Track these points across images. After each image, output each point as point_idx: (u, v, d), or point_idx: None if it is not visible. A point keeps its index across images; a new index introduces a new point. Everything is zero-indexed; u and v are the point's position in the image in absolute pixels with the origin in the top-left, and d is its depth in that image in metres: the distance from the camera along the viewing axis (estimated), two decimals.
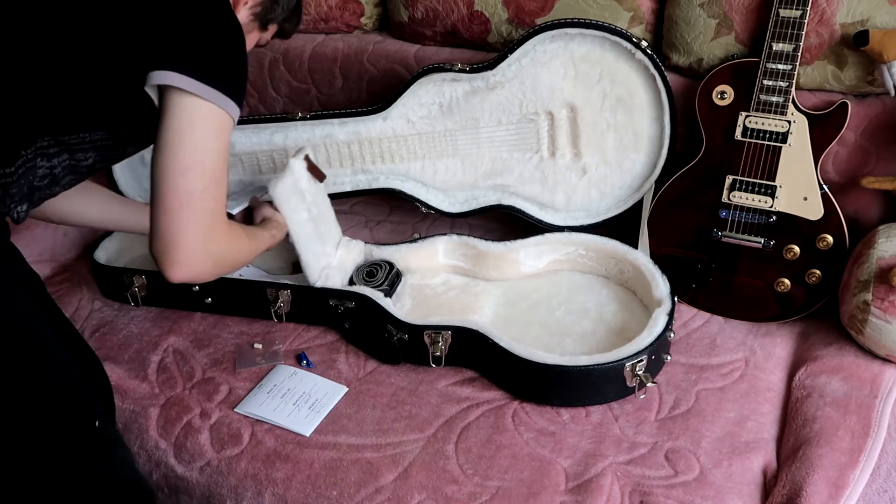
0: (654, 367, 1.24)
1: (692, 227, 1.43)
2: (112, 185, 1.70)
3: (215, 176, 0.99)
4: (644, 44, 1.38)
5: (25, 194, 1.02)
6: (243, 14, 1.12)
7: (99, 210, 1.32)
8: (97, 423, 1.03)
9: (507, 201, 1.56)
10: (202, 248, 0.99)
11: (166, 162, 0.97)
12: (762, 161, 1.34)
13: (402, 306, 1.43)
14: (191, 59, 0.97)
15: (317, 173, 1.43)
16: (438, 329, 1.28)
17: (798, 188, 1.33)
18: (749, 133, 1.34)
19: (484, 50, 1.61)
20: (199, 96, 0.96)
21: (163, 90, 0.98)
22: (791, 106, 1.30)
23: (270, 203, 1.36)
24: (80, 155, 1.04)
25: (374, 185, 1.61)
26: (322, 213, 1.45)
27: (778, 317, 1.40)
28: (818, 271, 1.36)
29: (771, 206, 1.35)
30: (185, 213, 0.97)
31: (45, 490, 0.99)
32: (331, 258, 1.46)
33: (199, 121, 0.97)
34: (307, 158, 1.40)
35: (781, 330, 1.38)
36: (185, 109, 0.97)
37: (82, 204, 1.28)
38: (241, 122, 1.58)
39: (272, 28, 1.21)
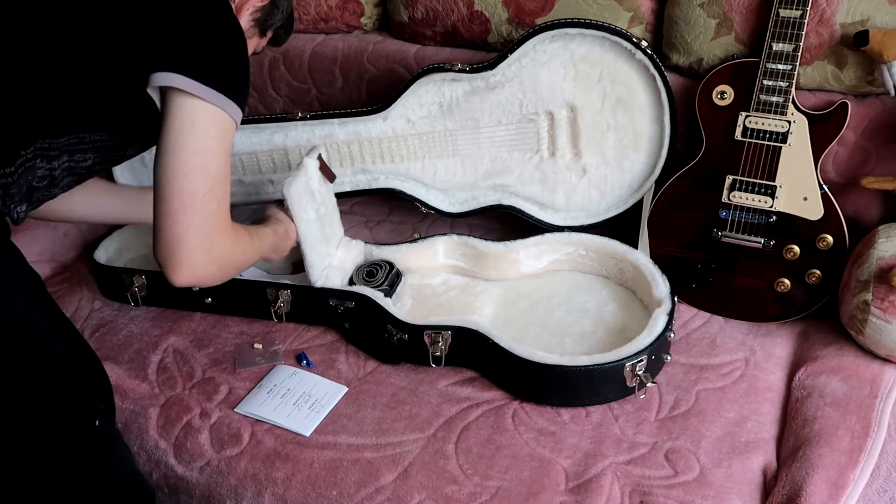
0: (654, 367, 1.24)
1: (692, 227, 1.43)
2: None
3: (219, 178, 1.00)
4: (644, 44, 1.38)
5: (25, 194, 1.02)
6: (245, 20, 1.13)
7: (99, 204, 1.32)
8: (97, 423, 1.03)
9: (507, 201, 1.56)
10: (206, 250, 0.99)
11: (169, 164, 0.97)
12: (762, 161, 1.34)
13: (402, 306, 1.43)
14: (193, 62, 0.97)
15: (328, 173, 1.43)
16: (438, 329, 1.28)
17: (798, 188, 1.33)
18: (749, 133, 1.34)
19: (484, 50, 1.61)
20: (201, 98, 0.96)
21: (165, 92, 0.98)
22: (791, 106, 1.30)
23: (280, 202, 1.35)
24: (80, 156, 1.04)
25: (374, 185, 1.61)
26: (328, 214, 1.45)
27: (778, 317, 1.40)
28: (818, 271, 1.36)
29: (771, 206, 1.35)
30: (189, 215, 0.97)
31: (44, 487, 0.99)
32: (332, 258, 1.46)
33: (201, 122, 0.97)
34: (320, 158, 1.40)
35: (781, 330, 1.38)
36: (188, 111, 0.97)
37: (81, 201, 1.28)
38: (241, 122, 1.57)
39: (269, 35, 1.21)
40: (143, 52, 0.98)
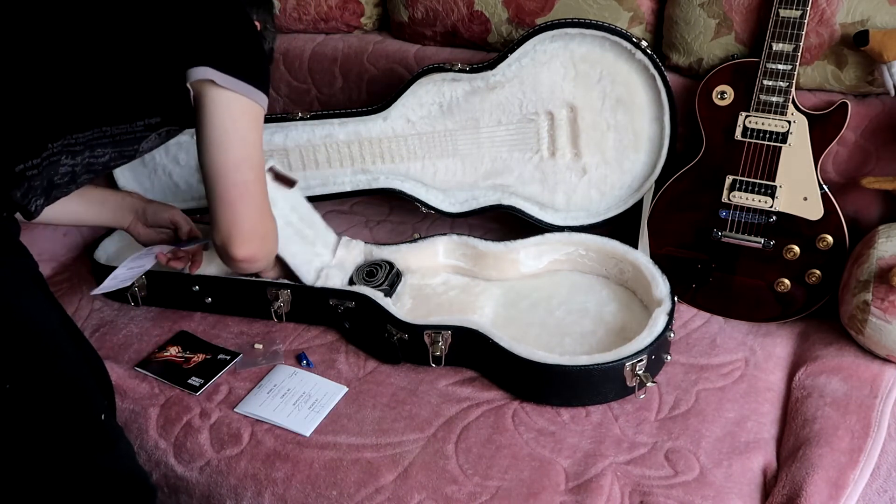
0: (654, 367, 1.24)
1: (692, 227, 1.43)
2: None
3: (260, 164, 1.09)
4: (644, 44, 1.38)
5: (45, 188, 1.04)
6: None
7: (62, 208, 1.31)
8: (102, 417, 1.04)
9: (507, 201, 1.56)
10: (260, 228, 1.11)
11: (219, 159, 1.04)
12: (762, 161, 1.34)
13: (402, 306, 1.43)
14: (226, 57, 1.03)
15: (285, 181, 1.42)
16: (438, 329, 1.28)
17: (798, 188, 1.33)
18: (749, 133, 1.34)
19: (484, 50, 1.61)
20: (235, 91, 1.02)
21: (198, 86, 1.03)
22: (791, 106, 1.30)
23: None
24: (99, 150, 1.07)
25: (374, 185, 1.61)
26: (304, 217, 1.45)
27: (778, 317, 1.40)
28: (818, 271, 1.36)
29: (771, 206, 1.35)
30: (244, 203, 1.07)
31: (49, 479, 1.00)
32: (324, 258, 1.46)
33: (240, 115, 1.04)
34: (272, 169, 1.40)
35: (781, 330, 1.38)
36: (225, 106, 1.03)
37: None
38: None
39: None
40: (173, 47, 1.03)
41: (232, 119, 1.04)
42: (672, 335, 1.29)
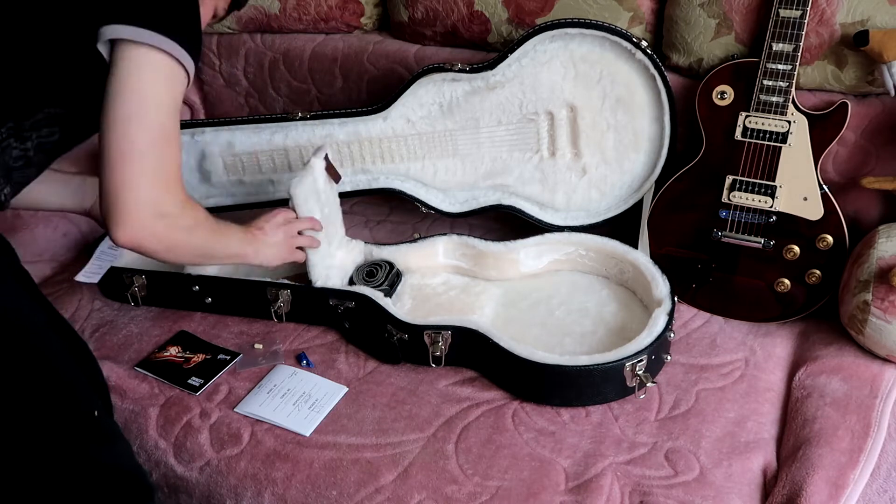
0: (654, 367, 1.24)
1: (692, 227, 1.43)
2: None
3: (162, 131, 0.95)
4: (644, 44, 1.38)
5: (5, 176, 1.02)
6: None
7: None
8: (96, 413, 1.03)
9: (507, 201, 1.56)
10: (149, 207, 0.94)
11: (107, 111, 0.93)
12: (762, 161, 1.34)
13: (402, 306, 1.43)
14: (138, 10, 0.94)
15: (333, 173, 1.42)
16: (438, 329, 1.28)
17: (798, 188, 1.33)
18: (749, 133, 1.34)
19: (484, 50, 1.61)
20: (148, 45, 0.93)
21: (114, 47, 0.95)
22: (791, 106, 1.30)
23: (285, 202, 1.35)
24: (46, 130, 1.03)
25: (374, 185, 1.61)
26: (331, 214, 1.45)
27: (778, 317, 1.40)
28: (818, 271, 1.36)
29: (771, 207, 1.35)
30: (128, 166, 0.92)
31: (46, 475, 0.99)
32: (333, 258, 1.46)
33: (145, 68, 0.94)
34: (326, 158, 1.40)
35: (781, 330, 1.38)
36: (132, 59, 0.93)
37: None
38: (241, 122, 1.58)
39: None
40: (90, 10, 0.96)
41: (131, 70, 0.92)
42: (672, 335, 1.29)
